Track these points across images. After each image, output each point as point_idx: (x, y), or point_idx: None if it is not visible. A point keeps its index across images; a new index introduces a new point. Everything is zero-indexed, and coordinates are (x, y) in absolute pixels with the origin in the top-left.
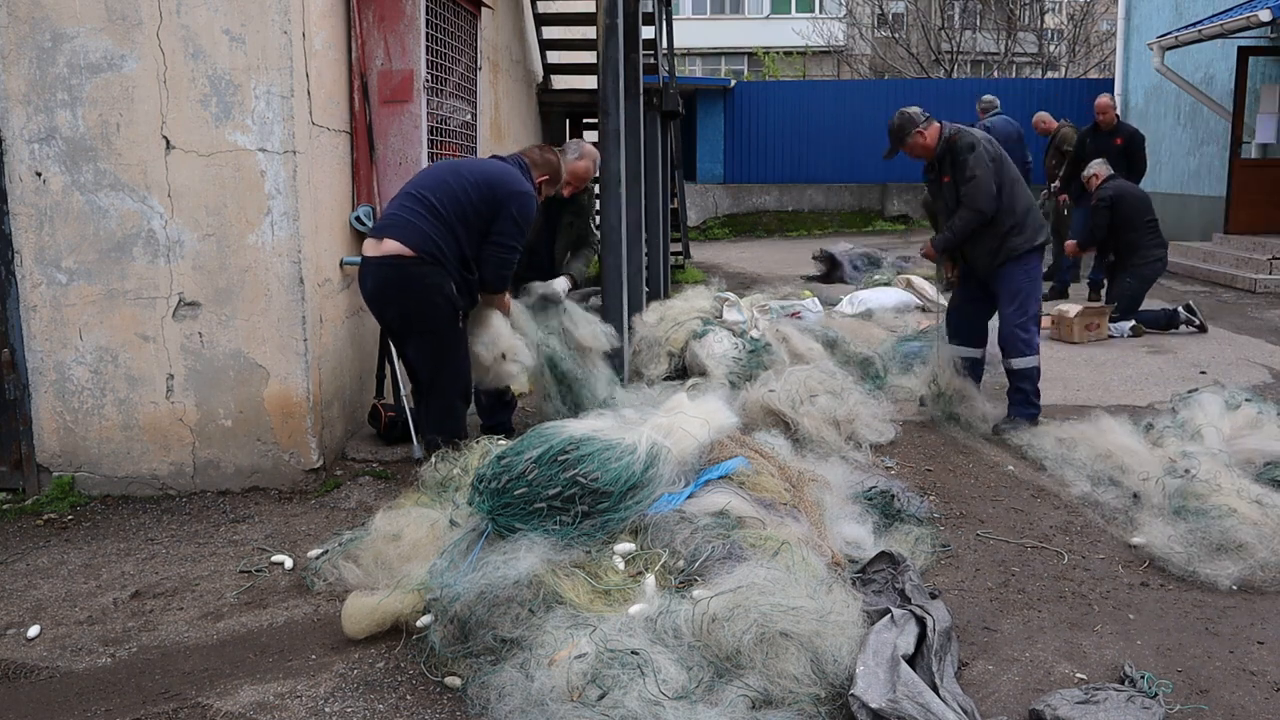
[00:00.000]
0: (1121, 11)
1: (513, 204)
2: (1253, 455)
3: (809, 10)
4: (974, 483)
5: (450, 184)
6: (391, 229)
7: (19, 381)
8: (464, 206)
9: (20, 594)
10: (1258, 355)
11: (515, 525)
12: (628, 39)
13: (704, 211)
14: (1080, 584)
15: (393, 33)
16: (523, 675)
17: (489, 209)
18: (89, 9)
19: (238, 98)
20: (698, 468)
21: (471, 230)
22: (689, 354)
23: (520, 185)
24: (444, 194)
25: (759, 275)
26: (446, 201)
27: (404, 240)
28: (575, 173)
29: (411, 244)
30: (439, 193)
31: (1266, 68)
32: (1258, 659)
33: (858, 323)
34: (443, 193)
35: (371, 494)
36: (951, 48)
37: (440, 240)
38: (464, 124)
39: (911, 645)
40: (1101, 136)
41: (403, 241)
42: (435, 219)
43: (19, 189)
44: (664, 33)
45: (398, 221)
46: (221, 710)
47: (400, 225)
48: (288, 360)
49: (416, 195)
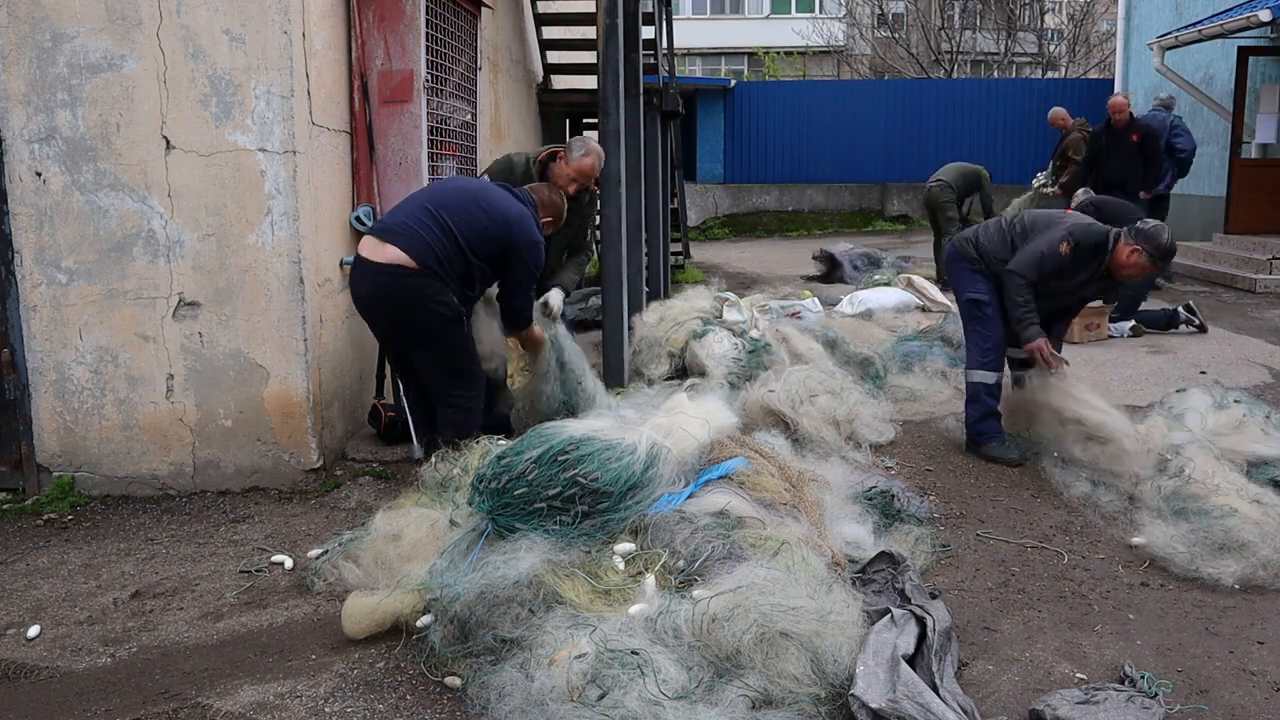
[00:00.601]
0: (1121, 11)
1: (527, 254)
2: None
3: (809, 10)
4: (974, 483)
5: (472, 213)
6: (399, 237)
7: (19, 381)
8: (479, 241)
9: (20, 594)
10: (1258, 355)
11: (515, 525)
12: (628, 39)
13: (704, 211)
14: (1080, 584)
15: (393, 33)
16: (523, 675)
17: (500, 251)
18: (89, 9)
19: (238, 98)
20: (698, 468)
21: (477, 261)
22: (689, 354)
23: (533, 235)
24: (463, 222)
25: (759, 275)
26: (465, 230)
27: (409, 251)
28: (581, 170)
29: (416, 256)
30: (457, 217)
31: (1266, 68)
32: (1258, 659)
33: (858, 323)
34: (461, 219)
35: (371, 494)
36: (951, 48)
37: (445, 259)
38: (464, 124)
39: (911, 645)
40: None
41: (408, 252)
42: (448, 240)
43: (19, 189)
44: (664, 33)
45: (407, 231)
46: (221, 710)
47: (409, 236)
48: (288, 360)
49: (434, 213)
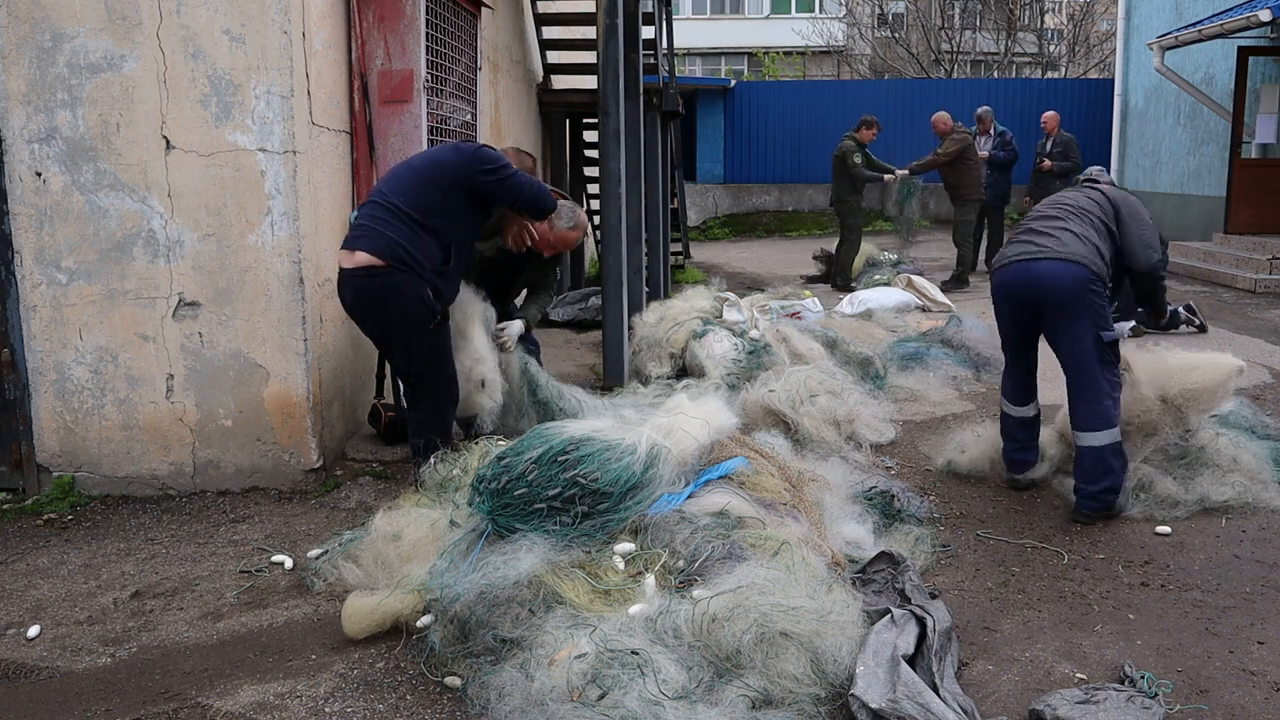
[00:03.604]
0: (1121, 11)
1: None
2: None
3: (809, 10)
4: (974, 483)
5: (406, 178)
6: (361, 239)
7: (19, 381)
8: (428, 194)
9: (20, 594)
10: (1258, 355)
11: (515, 526)
12: (628, 39)
13: (704, 211)
14: (1080, 584)
15: (393, 33)
16: (523, 675)
17: (455, 177)
18: (89, 9)
19: (238, 98)
20: (698, 468)
21: (439, 216)
22: (689, 354)
23: (488, 151)
24: (403, 191)
25: (759, 275)
26: (409, 199)
27: (373, 250)
28: (563, 239)
29: (381, 253)
30: (398, 192)
31: (1266, 68)
32: (1258, 659)
33: (858, 323)
34: (402, 190)
35: (371, 494)
36: (951, 48)
37: (409, 245)
38: (464, 124)
39: (911, 645)
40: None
41: (371, 252)
42: (401, 222)
43: (19, 189)
44: (664, 33)
45: (366, 231)
46: (221, 710)
47: (368, 235)
48: (288, 360)
49: (380, 202)
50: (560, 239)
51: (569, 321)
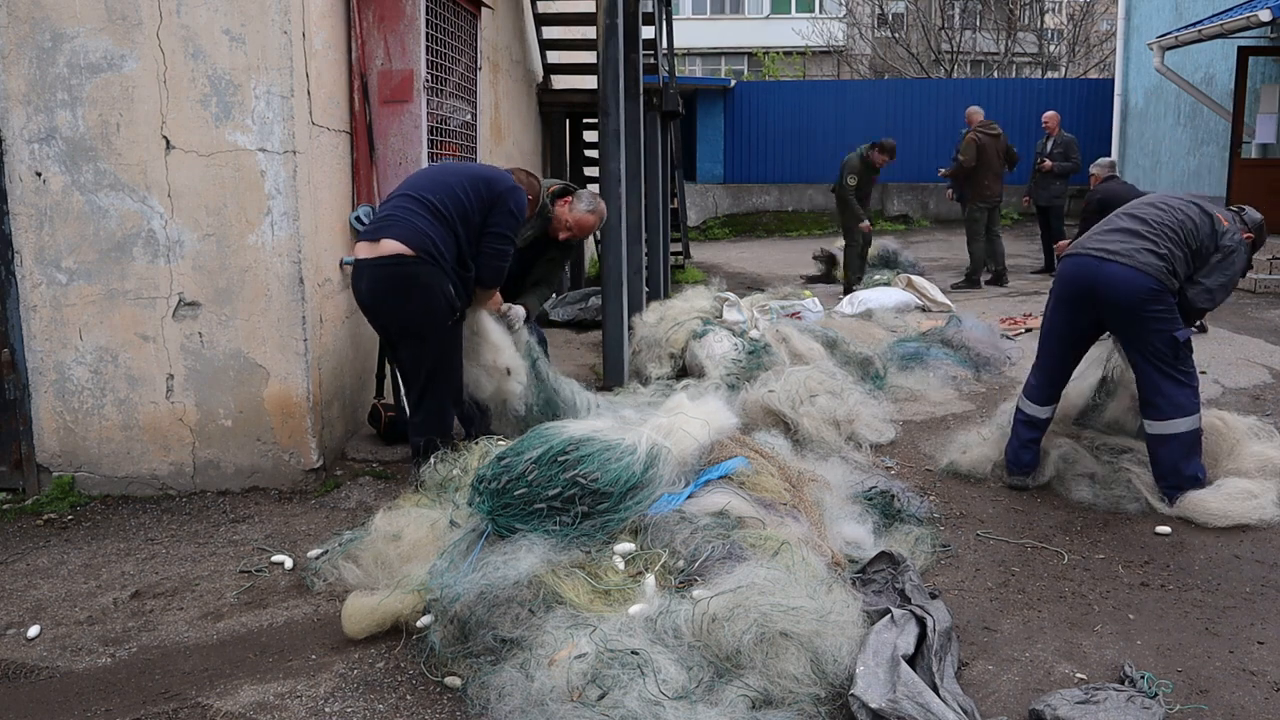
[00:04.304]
0: (1121, 11)
1: (509, 198)
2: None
3: (809, 10)
4: (974, 483)
5: (449, 184)
6: (390, 228)
7: (19, 381)
8: (464, 204)
9: (20, 594)
10: (1258, 355)
11: (515, 526)
12: (628, 39)
13: (704, 211)
14: (1080, 584)
15: (393, 33)
16: (523, 675)
17: (486, 204)
18: (89, 9)
19: (238, 98)
20: (698, 468)
21: (470, 228)
22: (689, 354)
23: (514, 183)
24: (444, 194)
25: (759, 275)
26: (448, 201)
27: (403, 239)
28: (581, 222)
29: (411, 243)
30: (439, 193)
31: (1266, 68)
32: (1258, 659)
33: (858, 323)
34: (443, 193)
35: (371, 494)
36: (951, 48)
37: (439, 240)
38: (464, 124)
39: (911, 645)
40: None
41: (402, 241)
42: (435, 219)
43: (19, 189)
44: (664, 33)
45: (396, 221)
46: (221, 710)
47: (399, 224)
48: (288, 360)
49: (415, 197)
50: (578, 222)
51: (569, 321)
